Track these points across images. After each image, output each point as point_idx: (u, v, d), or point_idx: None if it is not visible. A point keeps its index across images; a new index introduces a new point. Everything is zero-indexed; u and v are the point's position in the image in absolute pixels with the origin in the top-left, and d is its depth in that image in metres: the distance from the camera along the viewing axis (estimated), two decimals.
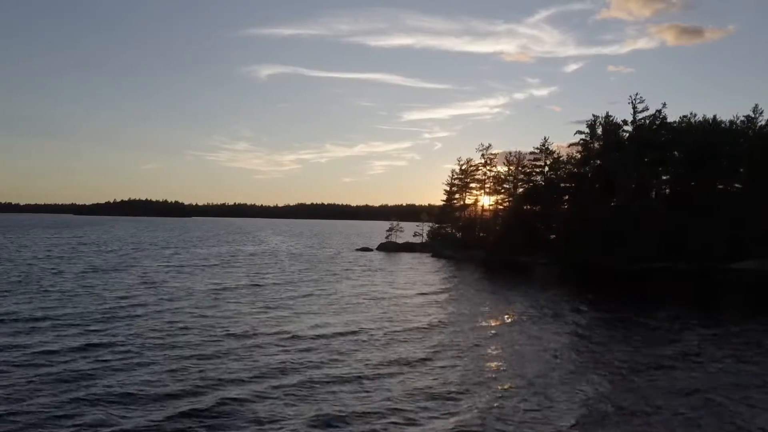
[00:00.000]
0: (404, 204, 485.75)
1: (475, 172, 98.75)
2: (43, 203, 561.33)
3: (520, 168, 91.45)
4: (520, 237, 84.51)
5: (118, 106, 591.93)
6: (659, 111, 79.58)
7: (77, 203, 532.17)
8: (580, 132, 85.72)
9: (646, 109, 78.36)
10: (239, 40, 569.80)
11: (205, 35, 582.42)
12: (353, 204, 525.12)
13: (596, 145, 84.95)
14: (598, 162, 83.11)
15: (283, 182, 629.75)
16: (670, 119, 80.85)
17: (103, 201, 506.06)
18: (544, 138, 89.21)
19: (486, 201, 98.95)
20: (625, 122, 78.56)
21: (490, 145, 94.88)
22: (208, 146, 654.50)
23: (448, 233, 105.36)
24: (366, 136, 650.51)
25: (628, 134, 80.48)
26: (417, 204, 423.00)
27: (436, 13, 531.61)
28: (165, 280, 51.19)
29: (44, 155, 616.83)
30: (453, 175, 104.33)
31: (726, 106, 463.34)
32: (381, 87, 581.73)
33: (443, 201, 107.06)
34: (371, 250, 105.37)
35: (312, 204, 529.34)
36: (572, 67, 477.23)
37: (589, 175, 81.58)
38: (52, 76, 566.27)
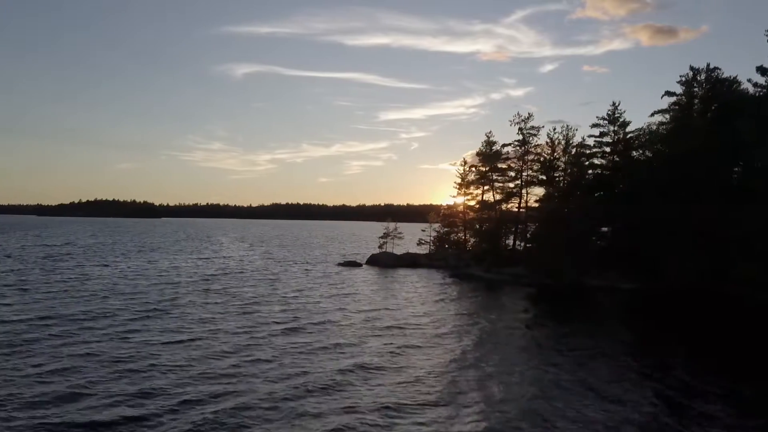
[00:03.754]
0: (382, 204, 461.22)
1: (502, 158, 68.06)
2: (6, 204, 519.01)
3: (575, 148, 61.05)
4: (585, 250, 54.50)
5: (91, 105, 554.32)
6: None
7: (42, 204, 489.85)
8: (671, 93, 55.81)
9: None
10: (215, 38, 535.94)
11: (180, 34, 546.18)
12: (330, 204, 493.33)
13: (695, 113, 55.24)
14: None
15: (258, 182, 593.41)
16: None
17: (68, 202, 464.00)
18: (614, 103, 59.05)
19: (497, 196, 68.64)
20: (763, 70, 48.02)
21: (530, 116, 64.24)
22: (182, 146, 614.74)
23: (460, 240, 75.32)
24: (342, 135, 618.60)
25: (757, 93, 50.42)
26: (395, 204, 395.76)
27: (413, 12, 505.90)
28: None
29: (12, 154, 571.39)
30: (465, 163, 74.10)
31: None
32: (358, 86, 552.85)
33: (454, 197, 77.01)
34: (359, 265, 74.10)
35: (288, 204, 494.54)
36: (548, 68, 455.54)
37: (695, 156, 51.16)
38: (23, 76, 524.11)
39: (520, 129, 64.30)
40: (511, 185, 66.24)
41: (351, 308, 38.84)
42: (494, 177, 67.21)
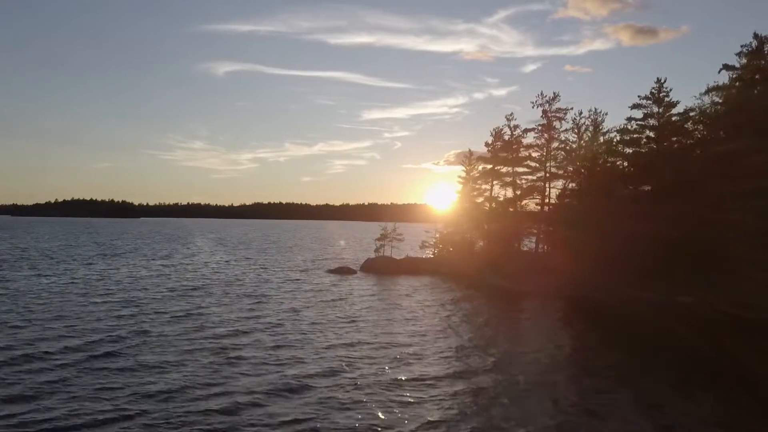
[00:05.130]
0: (366, 203, 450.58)
1: (520, 146, 57.95)
2: None
3: (614, 133, 51.20)
4: (630, 255, 44.68)
5: (69, 104, 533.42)
6: None
7: (18, 204, 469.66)
8: (729, 67, 46.18)
9: None
10: (196, 36, 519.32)
11: (160, 32, 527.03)
12: (313, 203, 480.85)
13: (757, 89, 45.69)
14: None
15: (240, 181, 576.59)
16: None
17: (45, 202, 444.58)
18: (658, 80, 49.18)
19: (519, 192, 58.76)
20: None
21: (557, 96, 54.17)
22: (163, 145, 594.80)
23: (466, 242, 65.32)
24: (325, 134, 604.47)
25: None
26: (379, 203, 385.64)
27: (397, 11, 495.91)
28: None
29: None
30: (471, 154, 64.00)
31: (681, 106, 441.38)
32: (341, 85, 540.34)
33: (459, 194, 67.00)
34: (353, 271, 63.61)
35: (270, 203, 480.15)
36: (530, 67, 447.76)
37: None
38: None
39: (545, 111, 54.15)
40: (533, 178, 56.12)
41: (362, 343, 28.38)
42: (514, 169, 56.86)
